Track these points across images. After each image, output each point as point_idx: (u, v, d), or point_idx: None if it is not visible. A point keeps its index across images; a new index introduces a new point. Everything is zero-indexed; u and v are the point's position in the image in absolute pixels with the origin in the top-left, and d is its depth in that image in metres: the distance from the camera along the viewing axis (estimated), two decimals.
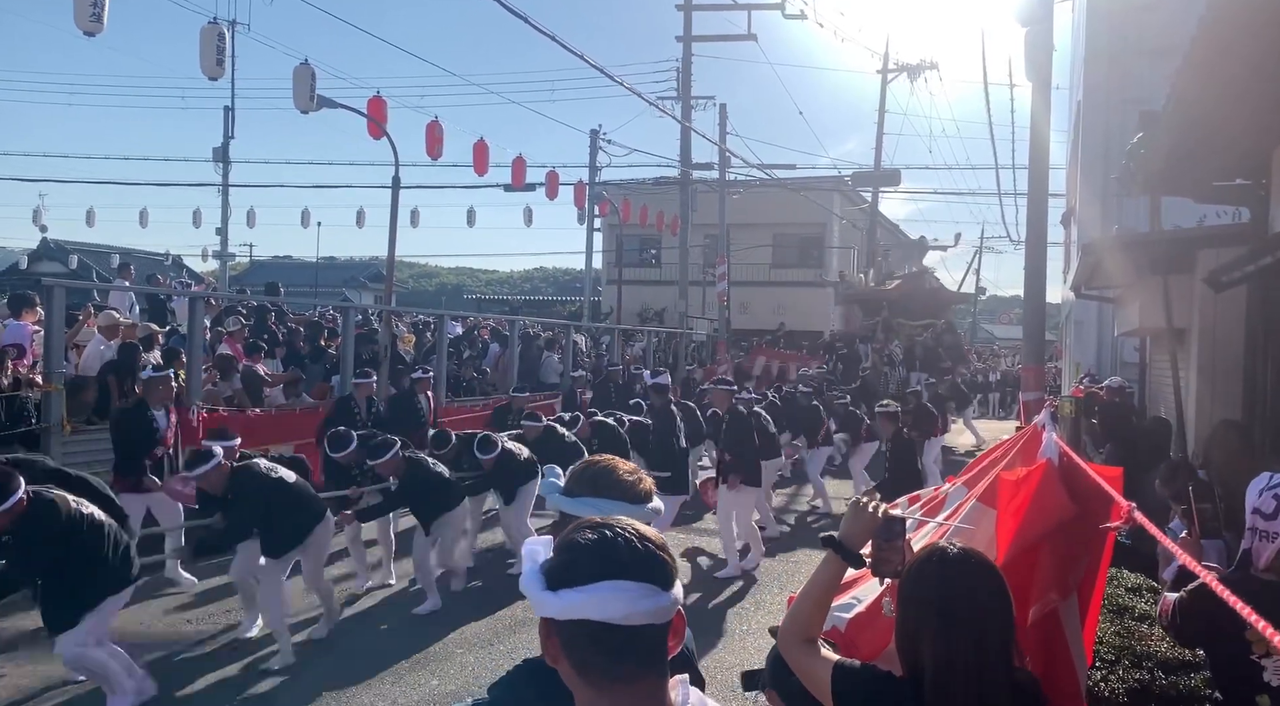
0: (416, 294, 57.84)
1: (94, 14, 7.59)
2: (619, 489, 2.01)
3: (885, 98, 27.67)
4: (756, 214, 28.28)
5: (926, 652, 1.96)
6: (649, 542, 1.32)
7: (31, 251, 27.33)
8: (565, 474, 2.21)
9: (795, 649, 2.15)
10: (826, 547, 2.17)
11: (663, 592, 1.29)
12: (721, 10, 21.75)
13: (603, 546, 1.30)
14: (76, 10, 7.62)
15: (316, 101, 12.35)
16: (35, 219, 26.90)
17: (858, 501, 2.21)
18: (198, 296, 11.50)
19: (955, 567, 2.01)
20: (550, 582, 1.29)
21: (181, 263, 29.64)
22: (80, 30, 7.65)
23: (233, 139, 26.23)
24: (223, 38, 9.14)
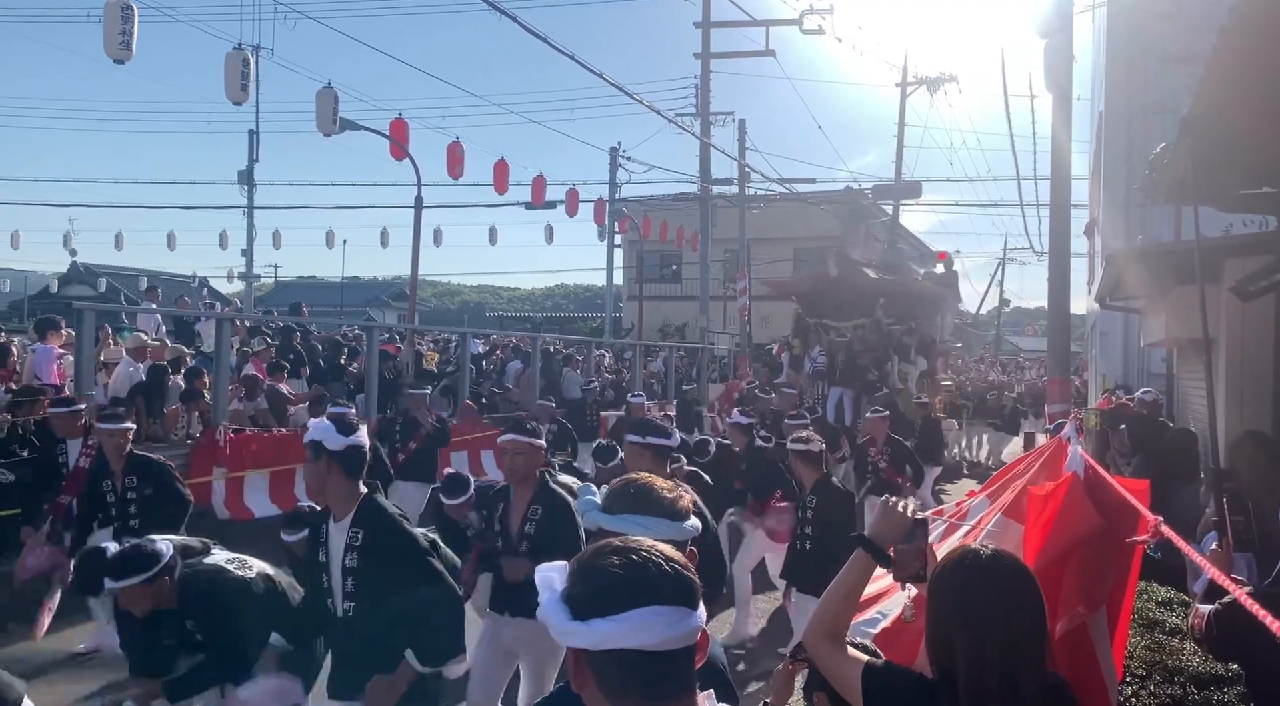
0: (439, 312, 58.19)
1: (123, 42, 7.74)
2: (660, 505, 2.01)
3: (904, 111, 27.63)
4: (777, 228, 28.24)
5: (959, 654, 1.94)
6: (675, 563, 1.30)
7: (62, 275, 27.76)
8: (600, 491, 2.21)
9: (822, 647, 2.13)
10: (856, 546, 2.16)
11: (692, 612, 1.27)
12: (739, 27, 21.83)
13: (633, 573, 1.26)
14: (106, 39, 7.78)
15: (339, 124, 12.50)
16: (65, 243, 27.32)
17: (887, 500, 2.20)
18: (224, 318, 11.64)
19: (987, 569, 1.99)
20: (577, 612, 1.25)
21: (208, 284, 29.99)
22: (110, 58, 7.80)
23: (257, 162, 26.57)
24: (247, 63, 9.29)
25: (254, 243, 27.59)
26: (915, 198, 26.59)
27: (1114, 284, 10.05)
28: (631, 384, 17.15)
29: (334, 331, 17.40)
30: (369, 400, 11.44)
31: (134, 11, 7.95)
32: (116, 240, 28.14)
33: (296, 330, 14.70)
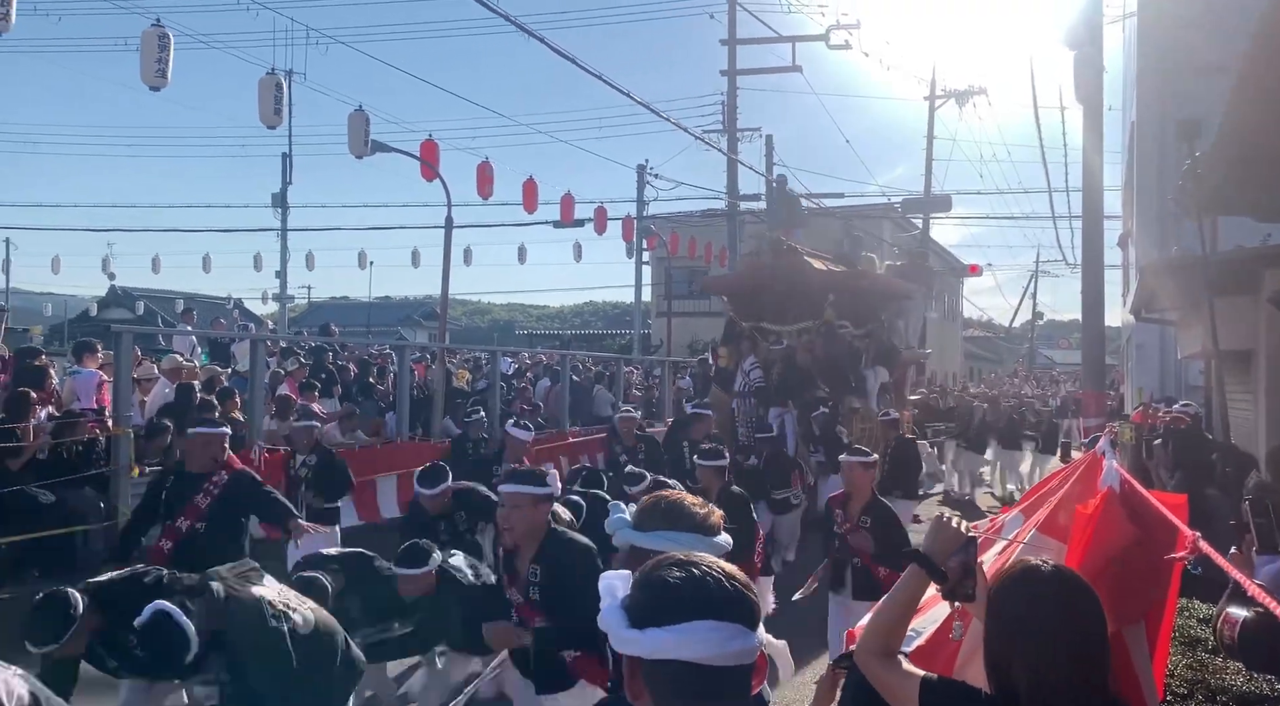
0: (470, 330, 58.53)
1: (159, 69, 7.91)
2: (691, 521, 2.02)
3: (933, 124, 27.53)
4: (805, 243, 28.17)
5: (1020, 672, 1.89)
6: (736, 581, 1.30)
7: (100, 298, 28.28)
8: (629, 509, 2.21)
9: (875, 663, 2.08)
10: (909, 561, 2.12)
11: (750, 632, 1.27)
12: (766, 43, 21.89)
13: (693, 585, 1.27)
14: (143, 67, 7.96)
15: (371, 146, 12.68)
16: (104, 267, 27.92)
17: (941, 516, 2.16)
18: (258, 339, 11.79)
19: (1049, 585, 1.94)
20: (635, 620, 1.26)
21: (242, 306, 30.42)
22: (147, 85, 7.98)
23: (291, 185, 27.02)
24: (280, 88, 9.46)
25: (287, 264, 28.02)
26: (945, 211, 26.43)
27: (1149, 296, 9.93)
28: (660, 403, 17.13)
29: (365, 350, 17.56)
30: (400, 418, 11.52)
31: (170, 39, 8.13)
32: (154, 263, 28.69)
33: (329, 350, 14.85)
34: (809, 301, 12.91)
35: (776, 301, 13.12)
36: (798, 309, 13.01)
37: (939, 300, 38.23)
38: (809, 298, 12.92)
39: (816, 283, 12.95)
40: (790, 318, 13.07)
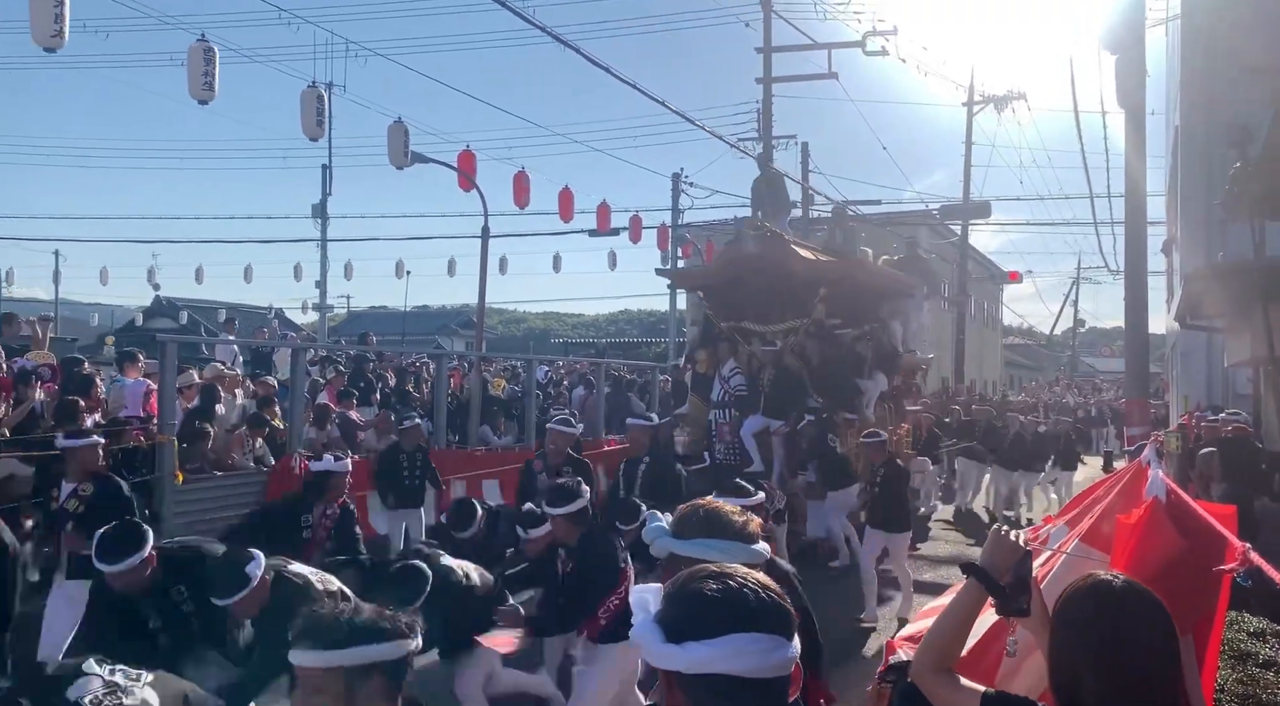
0: (506, 339, 58.85)
1: (206, 83, 8.08)
2: (731, 529, 2.02)
3: (971, 129, 27.26)
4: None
5: (1088, 689, 1.86)
6: (772, 592, 1.29)
7: (145, 308, 28.80)
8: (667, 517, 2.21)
9: (932, 679, 2.04)
10: (967, 574, 2.08)
11: (788, 643, 1.26)
12: (801, 51, 21.84)
13: (730, 597, 1.26)
14: (190, 81, 8.12)
15: (410, 157, 12.82)
16: (149, 278, 28.50)
17: (998, 529, 2.12)
18: (298, 347, 11.95)
19: (1119, 600, 1.90)
20: (672, 634, 1.24)
21: (283, 315, 30.83)
22: (194, 99, 8.15)
23: (331, 196, 27.37)
24: (322, 100, 9.61)
25: (327, 274, 28.39)
26: (984, 217, 26.17)
27: (1194, 303, 9.76)
28: None
29: (403, 359, 17.74)
30: (437, 426, 11.61)
31: (215, 54, 8.30)
32: (197, 274, 29.21)
33: (370, 359, 15.02)
34: (796, 297, 11.07)
35: (760, 297, 11.31)
36: (784, 306, 11.19)
37: (979, 308, 37.83)
38: (796, 292, 11.06)
39: (805, 275, 10.94)
40: (775, 316, 11.25)
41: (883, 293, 12.46)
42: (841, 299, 11.22)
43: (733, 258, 11.50)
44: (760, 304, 11.35)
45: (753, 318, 11.38)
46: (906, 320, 13.21)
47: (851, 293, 11.44)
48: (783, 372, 10.74)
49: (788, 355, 10.97)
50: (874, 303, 12.23)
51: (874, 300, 12.23)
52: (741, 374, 10.99)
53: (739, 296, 11.48)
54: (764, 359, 10.96)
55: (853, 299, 11.52)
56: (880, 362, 11.84)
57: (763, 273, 11.08)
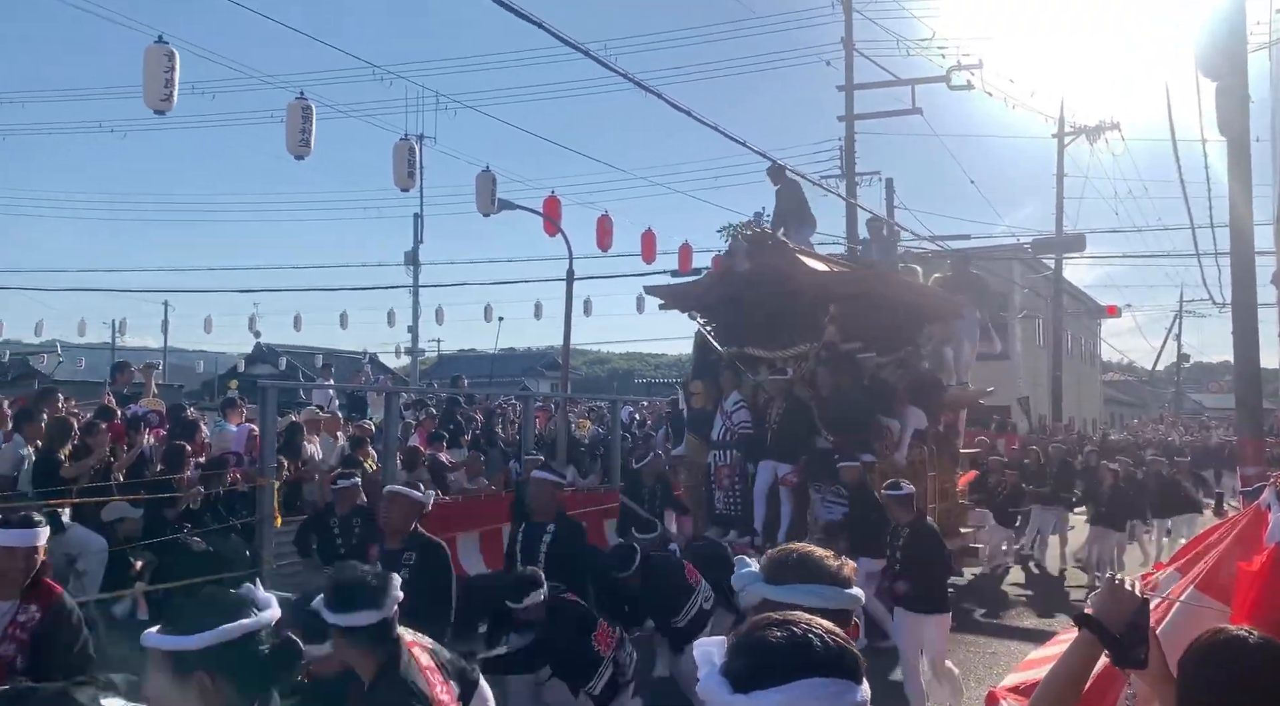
0: (590, 380, 59.28)
1: (303, 139, 8.41)
2: (827, 573, 1.98)
3: (1063, 161, 26.63)
4: None
5: None
6: (837, 637, 1.29)
7: (247, 355, 29.93)
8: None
9: None
10: (1082, 626, 2.00)
11: (857, 687, 1.26)
12: (884, 87, 21.71)
13: (796, 643, 1.26)
14: (288, 137, 8.46)
15: (497, 204, 13.09)
16: (251, 325, 29.63)
17: (1113, 578, 2.04)
18: (391, 391, 12.25)
19: (1258, 657, 1.81)
20: (739, 684, 1.24)
21: (377, 360, 31.69)
22: (291, 154, 8.50)
23: (422, 243, 28.20)
24: (413, 152, 9.88)
25: (419, 319, 29.11)
26: (1079, 251, 25.39)
27: None
28: None
29: (492, 401, 18.01)
30: (524, 466, 11.71)
31: (312, 111, 8.64)
32: (295, 321, 30.24)
33: (461, 403, 15.31)
34: (805, 316, 9.38)
35: (763, 317, 9.66)
36: (793, 327, 9.51)
37: (1076, 342, 36.63)
38: (804, 311, 9.36)
39: (812, 290, 9.26)
40: (784, 339, 9.55)
41: (919, 312, 10.71)
42: (859, 318, 9.41)
43: (728, 271, 9.66)
44: (765, 325, 9.71)
45: (757, 341, 9.74)
46: (958, 346, 11.45)
47: (872, 310, 9.60)
48: (793, 406, 9.08)
49: (799, 385, 9.24)
50: (907, 323, 10.46)
51: (907, 321, 10.46)
52: (746, 408, 9.32)
53: (740, 317, 9.87)
54: (771, 390, 9.28)
55: (875, 318, 9.66)
56: (917, 395, 9.85)
57: (763, 288, 9.41)
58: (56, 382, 15.17)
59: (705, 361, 10.23)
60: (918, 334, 10.65)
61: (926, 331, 10.91)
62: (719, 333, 10.20)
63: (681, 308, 10.49)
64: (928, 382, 10.23)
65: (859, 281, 9.86)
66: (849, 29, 21.03)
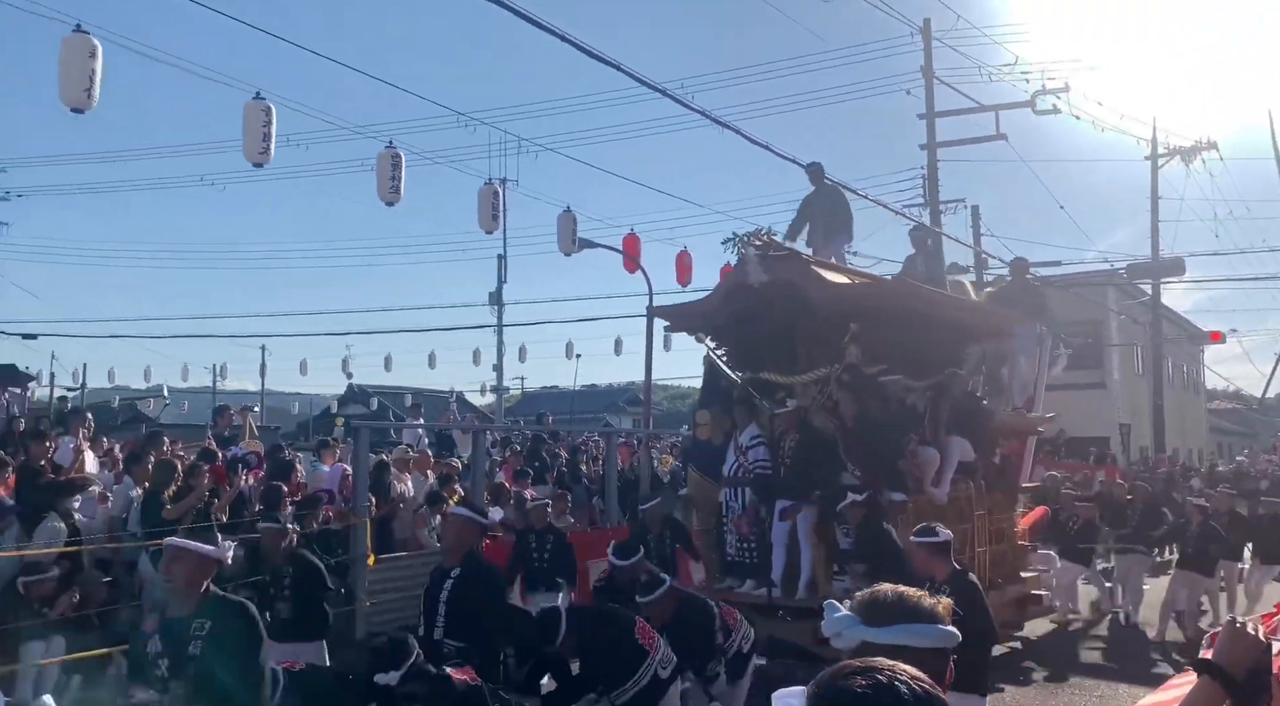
0: (671, 415, 59.22)
1: (393, 186, 8.72)
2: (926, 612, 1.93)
3: (1156, 183, 25.76)
4: None
5: None
6: (923, 683, 1.27)
7: (340, 396, 30.79)
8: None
9: None
10: (1202, 673, 1.90)
11: None
12: (966, 114, 21.40)
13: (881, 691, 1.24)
14: (379, 184, 8.79)
15: (578, 243, 13.28)
16: (343, 367, 30.53)
17: (1233, 620, 1.94)
18: (478, 430, 12.43)
19: None
20: None
21: (463, 398, 32.24)
22: (382, 201, 8.80)
23: (505, 283, 28.71)
24: (497, 195, 10.14)
25: (503, 357, 29.58)
26: (1178, 275, 24.46)
27: None
28: None
29: (575, 437, 18.12)
30: (609, 504, 11.74)
31: (401, 159, 8.95)
32: (386, 362, 31.10)
33: (545, 439, 15.44)
34: (821, 335, 8.27)
35: (779, 338, 8.60)
36: (809, 348, 8.44)
37: (1178, 370, 35.19)
38: (820, 330, 8.25)
39: (828, 305, 8.05)
40: (802, 362, 8.47)
41: (963, 329, 9.39)
42: (886, 336, 8.25)
43: (737, 285, 8.54)
44: (781, 347, 8.64)
45: (774, 366, 8.59)
46: (1013, 366, 10.23)
47: (902, 328, 8.42)
48: (809, 437, 8.01)
49: (818, 414, 8.18)
50: (947, 342, 9.14)
51: (947, 339, 9.15)
52: (765, 445, 8.19)
53: (754, 338, 8.75)
54: (783, 422, 8.18)
55: (906, 337, 8.47)
56: (960, 423, 8.66)
57: (776, 304, 8.31)
58: (162, 426, 15.83)
59: (714, 388, 9.10)
60: (961, 354, 9.34)
61: (975, 351, 9.70)
62: (731, 356, 9.13)
63: (688, 329, 9.32)
64: (972, 409, 9.09)
65: (883, 295, 8.67)
66: (928, 57, 20.83)
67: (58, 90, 6.83)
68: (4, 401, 12.08)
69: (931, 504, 7.89)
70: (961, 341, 9.40)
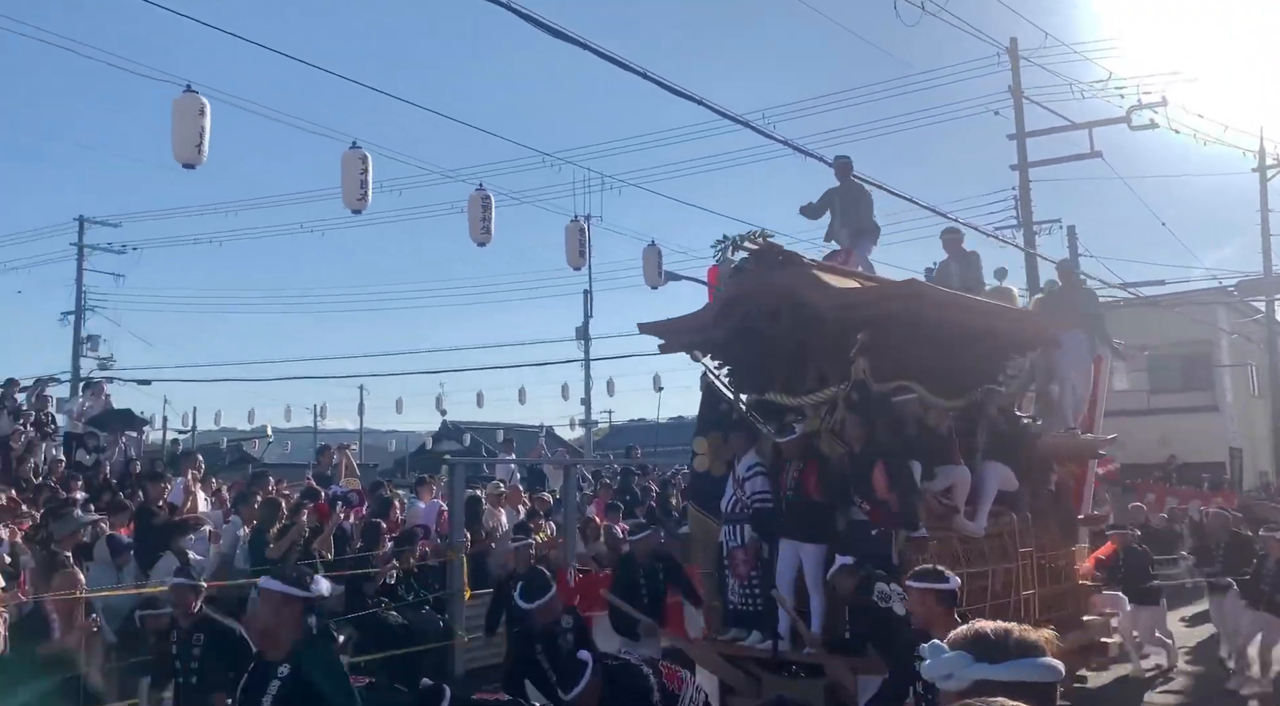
0: None
1: (484, 226, 8.93)
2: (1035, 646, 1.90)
3: (1266, 195, 24.64)
4: (1125, 336, 25.83)
5: None
6: None
7: (434, 433, 31.40)
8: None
9: None
10: None
11: None
12: (1059, 132, 20.87)
13: None
14: (470, 225, 9.01)
15: (663, 276, 13.33)
16: (437, 405, 31.16)
17: None
18: (569, 464, 12.51)
19: None
20: None
21: (553, 432, 32.55)
22: (474, 242, 9.03)
23: (592, 318, 29.01)
24: (583, 232, 10.28)
25: (591, 391, 29.83)
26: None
27: None
28: None
29: (665, 470, 18.08)
30: None
31: (491, 200, 9.16)
32: (478, 398, 31.61)
33: (636, 472, 15.45)
34: (828, 349, 7.16)
35: (785, 354, 7.50)
36: (820, 364, 7.34)
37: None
38: (827, 342, 7.14)
39: (834, 313, 6.91)
40: (812, 380, 7.36)
41: (1000, 340, 8.18)
42: (902, 348, 7.14)
43: (734, 296, 7.49)
44: (788, 364, 7.55)
45: (780, 385, 7.50)
46: (1063, 381, 9.11)
47: (922, 338, 7.19)
48: (815, 467, 6.93)
49: (825, 440, 7.05)
50: (980, 356, 7.96)
51: (980, 352, 7.95)
52: (764, 475, 7.06)
53: (757, 354, 7.63)
54: (789, 449, 7.01)
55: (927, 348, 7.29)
56: (998, 447, 7.52)
57: (780, 316, 7.18)
58: (266, 466, 16.40)
59: (714, 412, 7.97)
60: (998, 368, 8.19)
61: (1017, 365, 8.70)
62: (733, 376, 8.05)
63: (683, 347, 8.10)
64: (1013, 431, 7.87)
65: (894, 299, 7.08)
66: (1016, 77, 20.42)
67: (170, 147, 7.21)
68: (121, 445, 12.67)
69: (964, 539, 6.84)
70: (999, 354, 8.27)
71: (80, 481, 10.24)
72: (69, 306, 27.90)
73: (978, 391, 7.70)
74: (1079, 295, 10.05)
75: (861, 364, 6.77)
